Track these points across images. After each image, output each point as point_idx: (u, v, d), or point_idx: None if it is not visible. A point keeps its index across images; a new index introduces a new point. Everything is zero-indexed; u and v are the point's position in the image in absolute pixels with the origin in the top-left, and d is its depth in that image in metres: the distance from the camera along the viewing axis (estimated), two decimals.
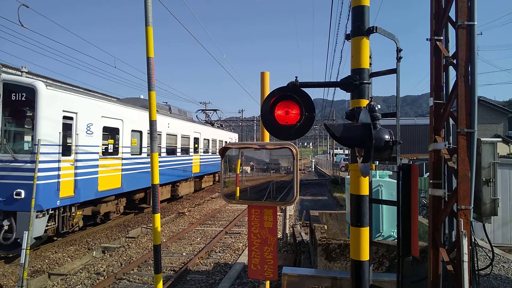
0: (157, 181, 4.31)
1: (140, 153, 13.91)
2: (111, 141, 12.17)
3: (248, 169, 3.71)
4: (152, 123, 4.37)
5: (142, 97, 17.03)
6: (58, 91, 9.30)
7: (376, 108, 2.64)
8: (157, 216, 4.29)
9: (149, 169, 13.44)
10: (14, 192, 8.22)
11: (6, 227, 8.18)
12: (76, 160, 9.87)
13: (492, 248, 4.67)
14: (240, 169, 3.61)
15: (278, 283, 6.29)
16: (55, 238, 10.47)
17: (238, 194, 3.49)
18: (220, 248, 10.28)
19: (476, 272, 4.30)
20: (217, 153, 22.35)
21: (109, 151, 11.92)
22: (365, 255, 2.86)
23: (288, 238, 10.46)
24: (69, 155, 9.69)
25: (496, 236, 9.04)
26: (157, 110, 15.70)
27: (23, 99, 8.68)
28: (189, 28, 13.45)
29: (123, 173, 12.33)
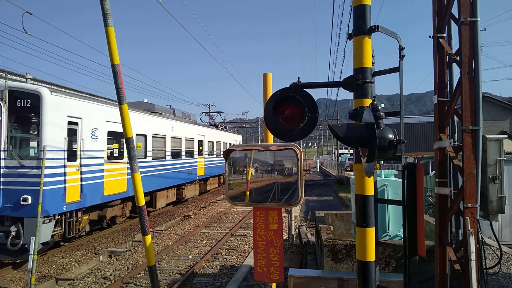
0: (142, 202, 3.79)
1: (145, 156, 13.96)
2: (116, 145, 12.23)
3: (252, 171, 3.70)
4: (129, 141, 3.78)
5: (146, 100, 17.11)
6: (62, 97, 9.37)
7: (380, 107, 2.63)
8: (148, 237, 3.88)
9: (155, 172, 13.39)
10: (21, 198, 8.28)
11: (13, 233, 8.23)
12: (82, 165, 9.92)
13: (500, 246, 4.62)
14: (244, 172, 3.62)
15: (284, 285, 6.27)
16: (62, 243, 10.53)
17: (247, 198, 3.49)
18: (226, 250, 10.28)
19: (484, 271, 4.26)
20: (222, 155, 22.39)
21: (114, 155, 11.98)
22: (372, 256, 2.84)
23: (294, 239, 10.44)
24: (75, 160, 9.75)
25: (503, 234, 8.95)
26: (161, 113, 15.71)
27: (28, 105, 8.75)
28: (190, 29, 13.49)
29: (128, 177, 12.37)
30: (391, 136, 2.56)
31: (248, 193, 3.49)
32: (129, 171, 12.32)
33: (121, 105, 3.52)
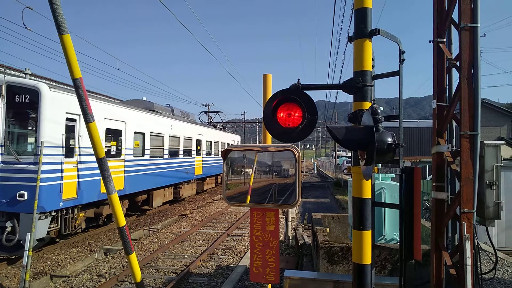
0: (123, 223, 3.39)
1: (143, 155, 13.93)
2: (114, 143, 12.20)
3: (250, 171, 3.70)
4: (101, 162, 3.18)
5: (145, 99, 17.09)
6: (61, 93, 9.34)
7: (379, 111, 2.63)
8: (133, 256, 3.65)
9: (152, 171, 13.28)
10: (17, 194, 8.25)
11: (9, 229, 8.20)
12: (79, 162, 9.90)
13: (495, 251, 4.64)
14: (242, 172, 3.61)
15: (280, 286, 6.27)
16: (57, 240, 10.49)
17: (248, 201, 3.48)
18: (222, 250, 10.26)
19: (479, 276, 4.27)
20: (220, 155, 22.36)
21: (112, 153, 11.95)
22: (368, 259, 2.84)
23: (290, 241, 10.44)
24: (72, 157, 9.72)
25: (499, 240, 8.98)
26: (159, 112, 15.64)
27: (26, 101, 8.73)
28: (191, 28, 13.48)
29: (125, 175, 12.35)
30: (390, 139, 2.56)
31: (249, 197, 3.47)
32: (126, 168, 12.32)
33: (89, 123, 2.87)
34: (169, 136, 16.46)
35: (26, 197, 8.24)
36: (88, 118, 2.88)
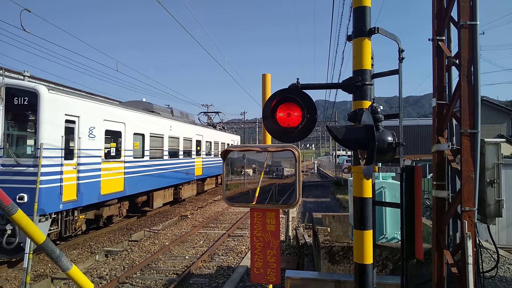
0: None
1: (143, 156, 13.92)
2: (114, 144, 12.19)
3: (250, 171, 3.69)
4: (43, 246, 2.40)
5: (144, 100, 17.08)
6: (60, 95, 9.33)
7: (379, 110, 2.62)
8: None
9: (152, 172, 13.33)
10: (17, 196, 8.23)
11: (9, 231, 8.18)
12: (79, 164, 9.88)
13: (497, 249, 4.62)
14: (242, 172, 3.60)
15: (281, 286, 6.25)
16: (58, 242, 10.47)
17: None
18: (223, 251, 10.25)
19: (481, 274, 4.26)
20: (219, 156, 22.32)
21: (112, 154, 11.94)
22: (369, 258, 2.82)
23: (291, 240, 10.42)
24: (72, 158, 9.70)
25: (500, 238, 8.97)
26: (159, 113, 15.64)
27: (25, 103, 8.71)
28: (190, 31, 13.47)
29: (125, 176, 12.34)
30: (390, 138, 2.55)
31: (254, 202, 3.46)
32: (126, 170, 12.31)
33: (12, 216, 2.30)
34: (169, 137, 16.45)
35: (26, 199, 8.22)
36: (9, 211, 2.29)
